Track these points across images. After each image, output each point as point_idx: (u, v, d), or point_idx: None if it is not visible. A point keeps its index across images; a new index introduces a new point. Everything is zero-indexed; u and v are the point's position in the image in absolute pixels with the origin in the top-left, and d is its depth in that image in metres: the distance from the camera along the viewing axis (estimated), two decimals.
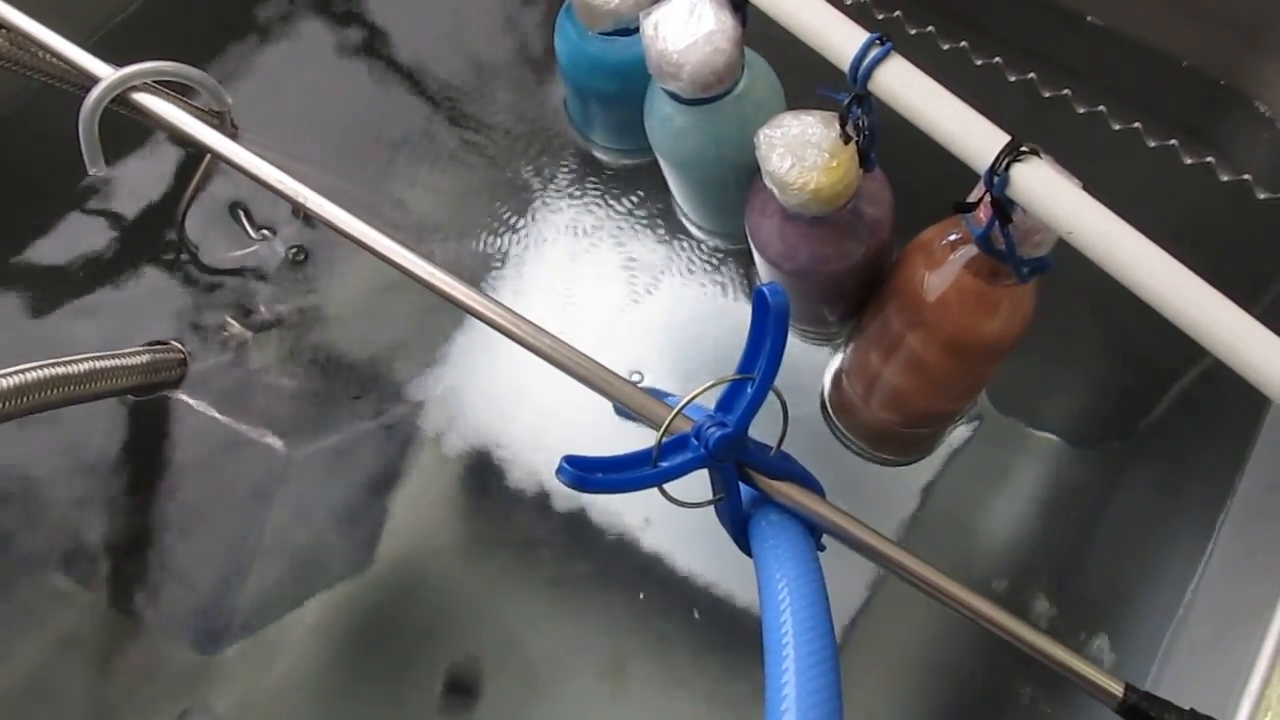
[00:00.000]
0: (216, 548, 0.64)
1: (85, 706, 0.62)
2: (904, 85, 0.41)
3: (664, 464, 0.37)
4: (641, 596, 0.62)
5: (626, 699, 0.61)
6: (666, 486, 0.38)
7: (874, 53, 0.41)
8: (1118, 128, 0.66)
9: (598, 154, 0.71)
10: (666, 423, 0.38)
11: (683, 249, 0.68)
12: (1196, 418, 0.64)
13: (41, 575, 0.64)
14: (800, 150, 0.45)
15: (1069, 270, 0.43)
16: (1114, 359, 0.66)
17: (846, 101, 0.44)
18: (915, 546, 0.42)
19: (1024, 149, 0.39)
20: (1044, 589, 0.62)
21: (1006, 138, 0.40)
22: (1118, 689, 0.37)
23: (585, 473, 0.36)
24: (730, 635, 0.61)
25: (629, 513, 0.64)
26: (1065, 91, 0.67)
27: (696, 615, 0.61)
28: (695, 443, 0.38)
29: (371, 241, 0.48)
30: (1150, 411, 0.65)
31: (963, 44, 0.68)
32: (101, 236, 0.71)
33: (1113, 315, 0.65)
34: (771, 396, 0.39)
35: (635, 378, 0.64)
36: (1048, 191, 0.39)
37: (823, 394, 0.62)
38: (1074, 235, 0.39)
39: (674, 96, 0.49)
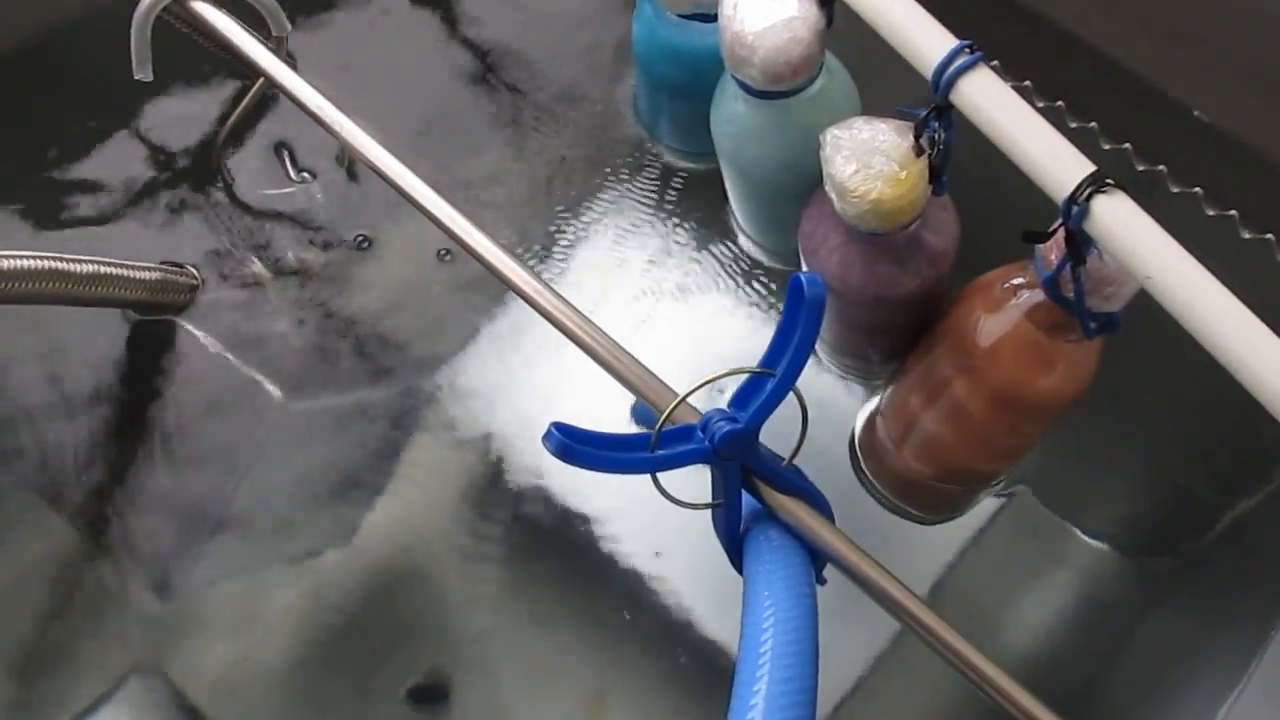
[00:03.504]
0: (196, 489, 0.62)
1: (35, 641, 0.60)
2: (988, 99, 0.38)
3: (661, 451, 0.34)
4: (627, 617, 0.58)
5: None
6: (662, 480, 0.35)
7: (961, 60, 0.38)
8: (1212, 214, 0.63)
9: (662, 153, 0.69)
10: (670, 408, 0.35)
11: (732, 264, 0.66)
12: (1250, 542, 0.60)
13: (14, 490, 0.62)
14: (867, 156, 0.42)
15: (1139, 354, 0.40)
16: (1174, 462, 0.62)
17: (925, 113, 0.41)
18: None
19: (1109, 181, 0.36)
20: (1057, 699, 0.57)
21: (1092, 167, 0.36)
22: None
23: (574, 443, 0.33)
24: (721, 686, 0.58)
25: (635, 540, 0.60)
26: (1161, 168, 0.64)
27: (682, 659, 0.58)
28: (700, 435, 0.34)
29: (413, 190, 0.47)
30: (1203, 529, 0.61)
31: (1059, 104, 0.65)
32: (144, 155, 0.70)
33: (1180, 410, 0.61)
34: (793, 405, 0.35)
35: None
36: (1130, 229, 0.36)
37: (853, 435, 0.59)
38: (1153, 281, 0.35)
39: (745, 88, 0.47)
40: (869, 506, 0.58)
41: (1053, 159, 0.37)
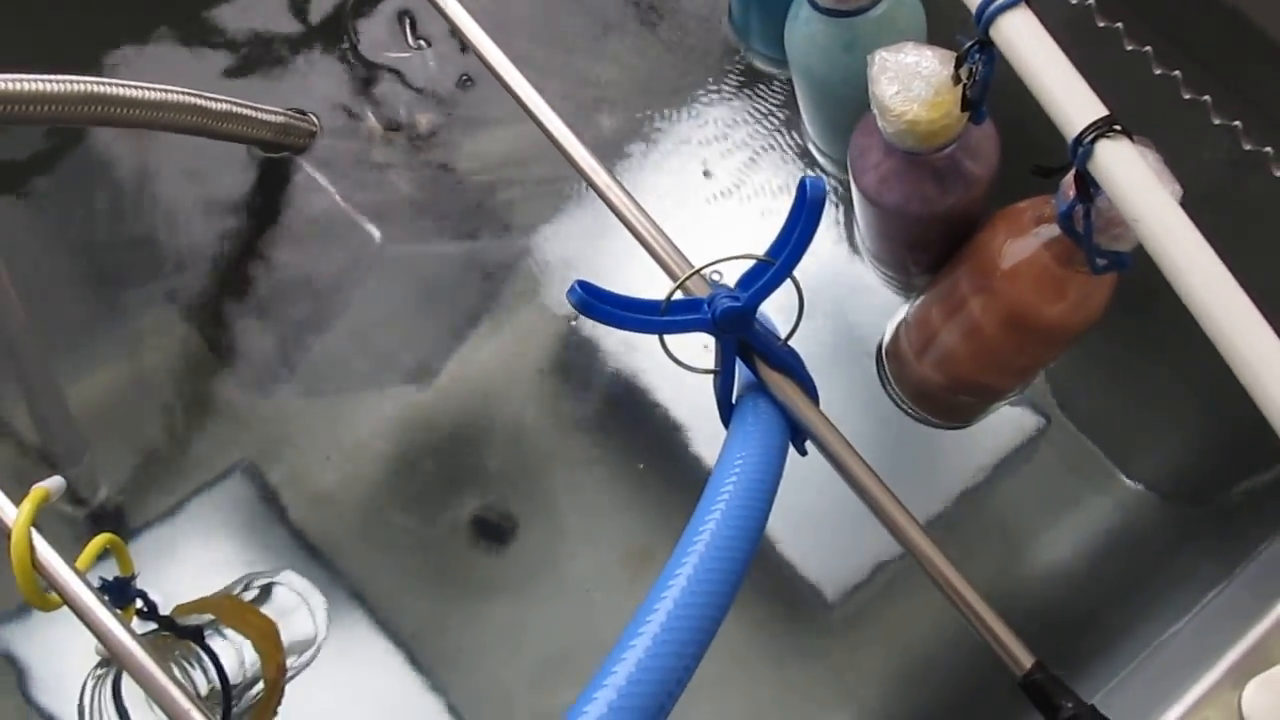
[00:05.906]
0: (300, 310, 0.69)
1: (157, 429, 0.68)
2: (1022, 37, 0.41)
3: (669, 317, 0.39)
4: (641, 468, 0.63)
5: (641, 591, 0.63)
6: (668, 343, 0.40)
7: None
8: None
9: (751, 59, 0.71)
10: (681, 280, 0.40)
11: (796, 166, 0.68)
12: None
13: (150, 299, 0.70)
14: (908, 79, 0.45)
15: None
16: (1226, 412, 0.62)
17: (968, 45, 0.44)
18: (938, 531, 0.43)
19: (1117, 127, 0.39)
20: (1052, 632, 0.60)
21: (1105, 112, 0.39)
22: (1026, 662, 0.38)
23: (594, 299, 0.38)
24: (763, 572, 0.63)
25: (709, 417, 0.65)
26: (1236, 124, 0.64)
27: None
28: (706, 309, 0.39)
29: (505, 74, 0.50)
30: (1244, 479, 0.62)
31: (1147, 49, 0.66)
32: (284, 9, 0.74)
33: None
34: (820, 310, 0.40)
35: (714, 276, 0.66)
36: (1126, 174, 0.38)
37: (881, 339, 0.63)
38: (1139, 224, 0.38)
39: (813, 4, 0.50)
40: (888, 410, 0.62)
41: (1069, 101, 0.40)
